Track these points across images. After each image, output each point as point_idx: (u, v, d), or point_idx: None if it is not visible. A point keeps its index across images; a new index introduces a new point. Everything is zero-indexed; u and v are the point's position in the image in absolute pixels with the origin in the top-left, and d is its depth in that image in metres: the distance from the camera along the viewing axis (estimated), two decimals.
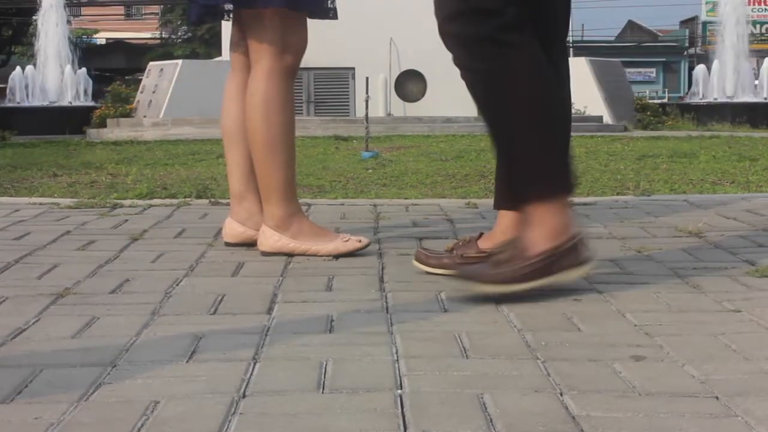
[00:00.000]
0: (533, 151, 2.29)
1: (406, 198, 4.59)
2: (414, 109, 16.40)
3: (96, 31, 44.07)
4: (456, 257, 2.48)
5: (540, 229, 2.26)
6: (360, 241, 2.80)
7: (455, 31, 2.27)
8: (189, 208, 3.90)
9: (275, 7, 2.74)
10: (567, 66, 2.47)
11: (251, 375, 1.65)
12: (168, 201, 4.17)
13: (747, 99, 18.50)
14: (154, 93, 16.45)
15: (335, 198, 4.60)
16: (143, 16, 48.86)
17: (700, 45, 39.20)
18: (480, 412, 1.46)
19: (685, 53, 43.98)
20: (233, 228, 2.97)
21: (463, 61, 2.28)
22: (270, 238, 2.81)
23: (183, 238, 3.14)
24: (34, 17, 19.55)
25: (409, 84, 16.87)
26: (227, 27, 3.44)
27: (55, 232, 3.22)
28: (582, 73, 15.91)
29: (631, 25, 52.20)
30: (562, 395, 1.54)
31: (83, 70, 18.72)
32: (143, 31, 44.99)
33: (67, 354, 1.79)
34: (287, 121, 2.82)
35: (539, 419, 1.43)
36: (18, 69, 18.71)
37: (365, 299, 2.24)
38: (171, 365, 1.71)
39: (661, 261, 2.67)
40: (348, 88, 17.46)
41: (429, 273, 2.49)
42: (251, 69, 2.84)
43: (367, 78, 10.21)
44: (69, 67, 18.33)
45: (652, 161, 7.43)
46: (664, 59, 45.02)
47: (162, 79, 16.44)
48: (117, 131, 14.81)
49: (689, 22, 46.26)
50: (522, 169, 2.32)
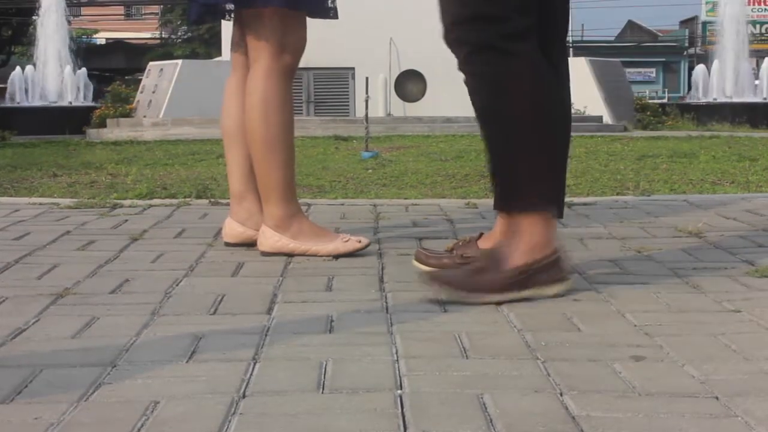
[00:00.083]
0: (530, 161, 2.28)
1: (406, 198, 4.59)
2: (414, 109, 16.38)
3: (96, 31, 44.07)
4: (456, 257, 2.48)
5: (521, 242, 2.25)
6: (360, 242, 2.80)
7: (460, 38, 2.27)
8: (189, 208, 3.90)
9: (275, 7, 2.74)
10: (567, 66, 2.47)
11: (251, 375, 1.65)
12: (168, 201, 4.17)
13: (747, 99, 18.51)
14: (153, 93, 16.44)
15: (335, 198, 4.60)
16: (143, 16, 48.86)
17: (699, 45, 39.18)
18: (480, 412, 1.46)
19: (685, 53, 43.97)
20: (233, 228, 2.97)
21: (467, 67, 2.28)
22: (270, 238, 2.81)
23: (183, 238, 3.14)
24: (34, 17, 19.55)
25: (409, 84, 16.86)
26: (227, 27, 3.44)
27: (55, 232, 3.22)
28: (582, 73, 15.90)
29: (631, 25, 52.19)
30: (562, 395, 1.54)
31: (83, 70, 18.73)
32: (143, 31, 44.98)
33: (67, 354, 1.79)
34: (286, 121, 2.82)
35: (539, 419, 1.43)
36: (18, 69, 18.71)
37: (365, 299, 2.24)
38: (171, 365, 1.71)
39: (661, 261, 2.67)
40: (348, 88, 17.45)
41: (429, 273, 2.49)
42: (250, 68, 2.84)
43: (367, 78, 10.20)
44: (69, 67, 18.34)
45: (651, 161, 7.43)
46: (663, 59, 45.01)
47: (162, 79, 16.43)
48: (117, 131, 14.81)
49: (689, 22, 46.24)
50: (516, 178, 2.30)
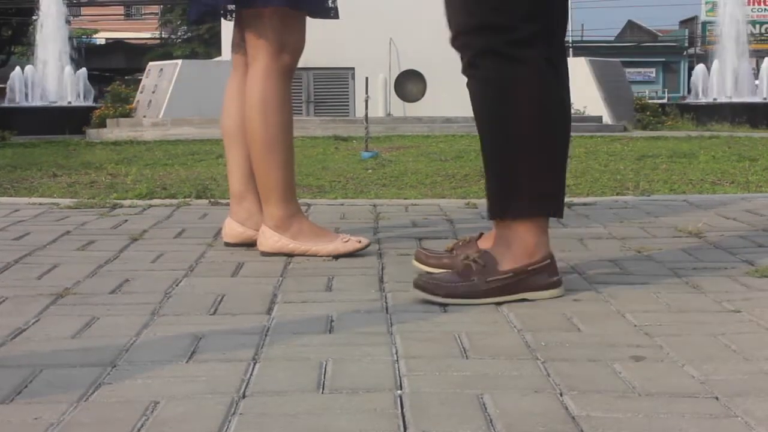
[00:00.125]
0: (530, 161, 2.27)
1: (405, 198, 4.59)
2: (414, 109, 16.39)
3: (96, 31, 44.09)
4: (456, 257, 2.48)
5: (513, 246, 2.25)
6: (360, 242, 2.80)
7: (466, 44, 2.28)
8: (189, 208, 3.90)
9: (275, 6, 2.74)
10: (566, 66, 2.47)
11: (251, 375, 1.65)
12: (168, 201, 4.17)
13: (746, 99, 18.52)
14: (153, 93, 16.45)
15: (335, 198, 4.60)
16: (143, 16, 48.87)
17: (699, 45, 39.19)
18: (480, 412, 1.46)
19: (685, 53, 43.97)
20: (233, 228, 2.97)
21: (472, 71, 2.29)
22: (270, 238, 2.81)
23: (183, 238, 3.14)
24: (33, 17, 19.56)
25: (409, 84, 16.86)
26: (227, 27, 3.44)
27: (55, 232, 3.22)
28: (582, 73, 15.92)
29: (631, 25, 52.20)
30: (562, 395, 1.54)
31: (83, 70, 18.73)
32: (143, 31, 44.99)
33: (67, 354, 1.79)
34: (285, 121, 2.82)
35: (539, 419, 1.43)
36: (18, 69, 18.72)
37: (365, 299, 2.24)
38: (171, 365, 1.71)
39: (661, 261, 2.67)
40: (348, 88, 17.45)
41: (429, 273, 2.48)
42: (249, 68, 2.84)
43: (367, 78, 10.20)
44: (69, 68, 18.34)
45: (651, 161, 7.43)
46: (663, 59, 45.02)
47: (162, 79, 16.44)
48: (117, 131, 14.81)
49: (689, 22, 46.25)
50: (515, 178, 2.30)
